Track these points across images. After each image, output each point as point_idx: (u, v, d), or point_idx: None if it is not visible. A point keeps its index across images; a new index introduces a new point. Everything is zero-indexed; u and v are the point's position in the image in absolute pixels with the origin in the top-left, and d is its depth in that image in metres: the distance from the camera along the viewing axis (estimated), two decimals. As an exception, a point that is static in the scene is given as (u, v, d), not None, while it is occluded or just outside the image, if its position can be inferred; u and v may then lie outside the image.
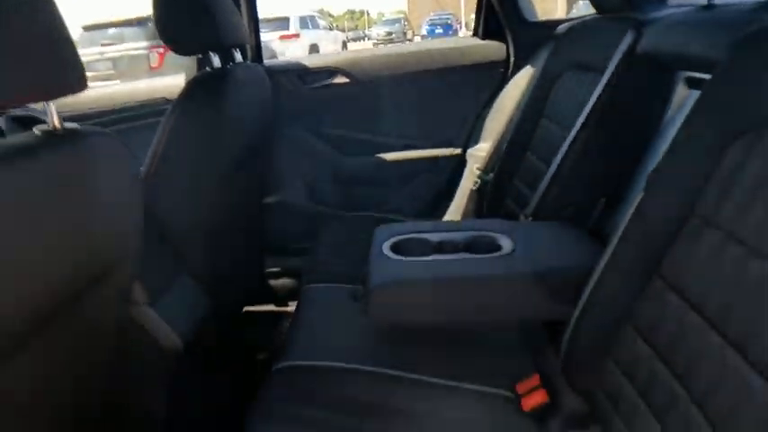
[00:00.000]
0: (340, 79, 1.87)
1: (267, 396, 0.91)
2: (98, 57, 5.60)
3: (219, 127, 1.15)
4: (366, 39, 20.80)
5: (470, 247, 1.06)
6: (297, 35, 9.89)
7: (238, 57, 1.42)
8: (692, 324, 0.63)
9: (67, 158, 0.64)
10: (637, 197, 0.76)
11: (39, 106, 0.65)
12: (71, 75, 0.62)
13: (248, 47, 1.78)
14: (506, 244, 1.04)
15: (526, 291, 0.94)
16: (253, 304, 1.86)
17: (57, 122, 0.64)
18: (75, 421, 0.85)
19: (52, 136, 0.64)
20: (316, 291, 1.26)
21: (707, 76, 0.72)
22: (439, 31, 16.76)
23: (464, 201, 1.79)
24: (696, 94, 0.75)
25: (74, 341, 0.75)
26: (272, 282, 1.91)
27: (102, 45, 5.71)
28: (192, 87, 1.15)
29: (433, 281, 0.96)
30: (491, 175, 1.57)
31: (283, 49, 8.90)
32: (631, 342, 0.73)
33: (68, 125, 0.67)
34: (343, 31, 21.64)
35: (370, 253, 1.06)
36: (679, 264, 0.68)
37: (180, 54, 1.16)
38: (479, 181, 1.70)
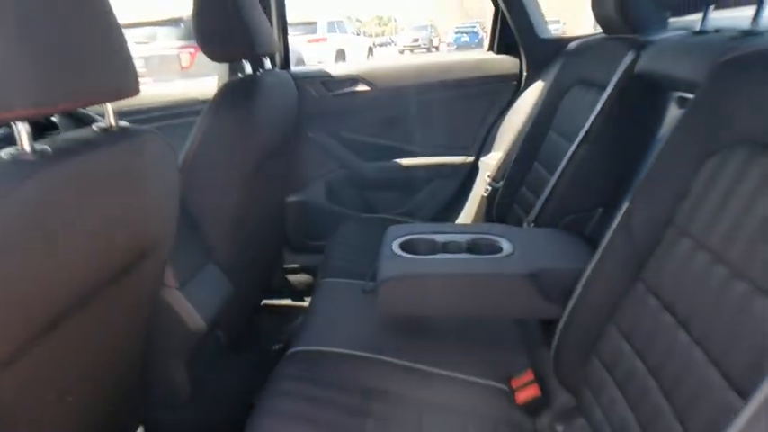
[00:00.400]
0: (361, 87, 1.92)
1: (280, 376, 0.98)
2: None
3: (248, 129, 1.23)
4: (393, 44, 20.71)
5: (473, 248, 1.12)
6: (324, 39, 10.02)
7: (268, 64, 1.51)
8: (664, 324, 0.69)
9: (121, 152, 0.71)
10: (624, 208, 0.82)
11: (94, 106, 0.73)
12: (129, 79, 0.69)
13: (277, 54, 1.86)
14: (506, 247, 1.09)
15: (521, 290, 0.99)
16: (271, 298, 1.93)
17: (113, 121, 0.73)
18: (113, 392, 0.94)
19: (108, 132, 0.72)
20: (330, 284, 1.33)
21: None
22: (465, 39, 16.64)
23: (475, 206, 1.84)
24: (683, 113, 0.81)
25: (114, 314, 0.83)
26: (290, 277, 1.98)
27: (136, 44, 5.83)
28: (224, 91, 1.23)
29: (436, 277, 1.02)
30: (501, 182, 1.62)
31: (311, 53, 9.00)
32: (614, 340, 0.79)
33: (121, 123, 0.75)
34: (370, 36, 21.69)
35: (381, 250, 1.12)
36: (657, 269, 0.73)
37: (216, 61, 1.24)
38: (490, 188, 1.74)
